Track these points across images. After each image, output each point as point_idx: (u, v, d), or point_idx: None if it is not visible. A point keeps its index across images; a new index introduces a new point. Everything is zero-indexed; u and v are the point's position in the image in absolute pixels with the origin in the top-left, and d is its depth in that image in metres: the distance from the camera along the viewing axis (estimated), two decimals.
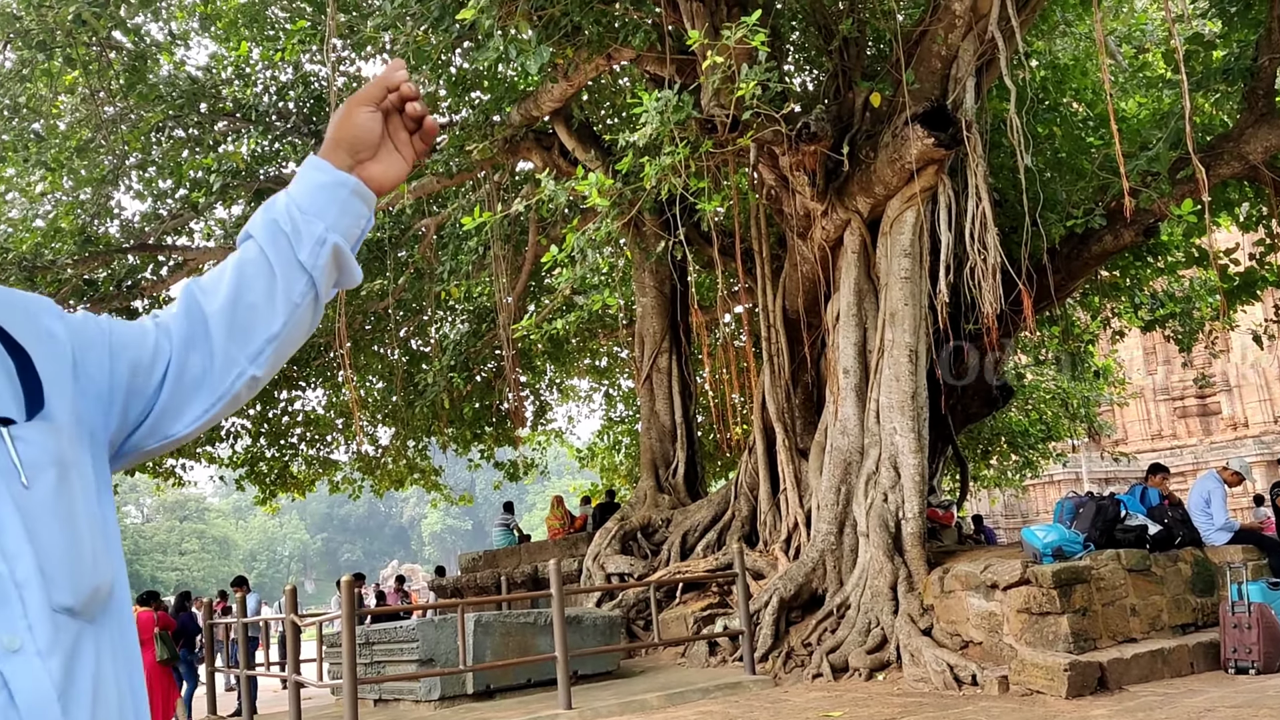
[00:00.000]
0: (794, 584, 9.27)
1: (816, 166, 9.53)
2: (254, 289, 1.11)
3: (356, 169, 1.18)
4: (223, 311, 1.10)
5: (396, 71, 1.20)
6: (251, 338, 1.11)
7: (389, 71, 1.20)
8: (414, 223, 14.69)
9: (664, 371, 13.58)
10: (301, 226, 1.12)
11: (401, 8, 8.92)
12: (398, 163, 1.22)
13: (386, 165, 1.21)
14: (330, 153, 1.18)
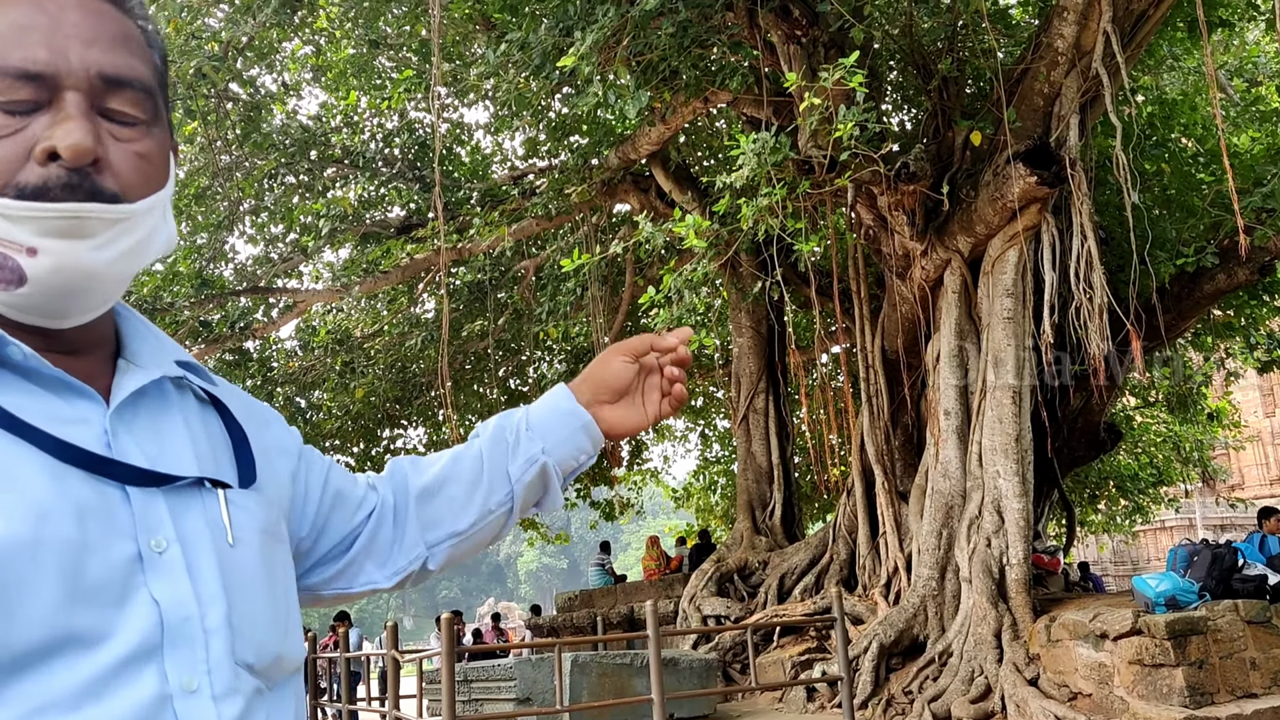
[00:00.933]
0: (894, 629, 9.09)
1: (916, 206, 9.45)
2: (459, 483, 1.20)
3: (595, 407, 1.24)
4: (424, 494, 1.20)
5: (676, 337, 1.26)
6: (438, 528, 1.19)
7: (670, 335, 1.26)
8: (514, 265, 14.95)
9: (760, 412, 13.51)
10: (523, 441, 1.20)
11: (504, 56, 9.14)
12: (637, 414, 1.27)
13: (625, 413, 1.26)
14: (578, 384, 1.26)
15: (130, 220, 0.90)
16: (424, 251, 12.49)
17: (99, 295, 0.92)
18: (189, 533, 0.90)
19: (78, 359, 0.94)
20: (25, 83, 0.87)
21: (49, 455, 0.84)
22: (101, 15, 0.92)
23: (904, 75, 11.41)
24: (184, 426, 0.98)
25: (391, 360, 15.27)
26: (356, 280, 12.84)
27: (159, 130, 0.95)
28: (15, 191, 0.85)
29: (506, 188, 13.64)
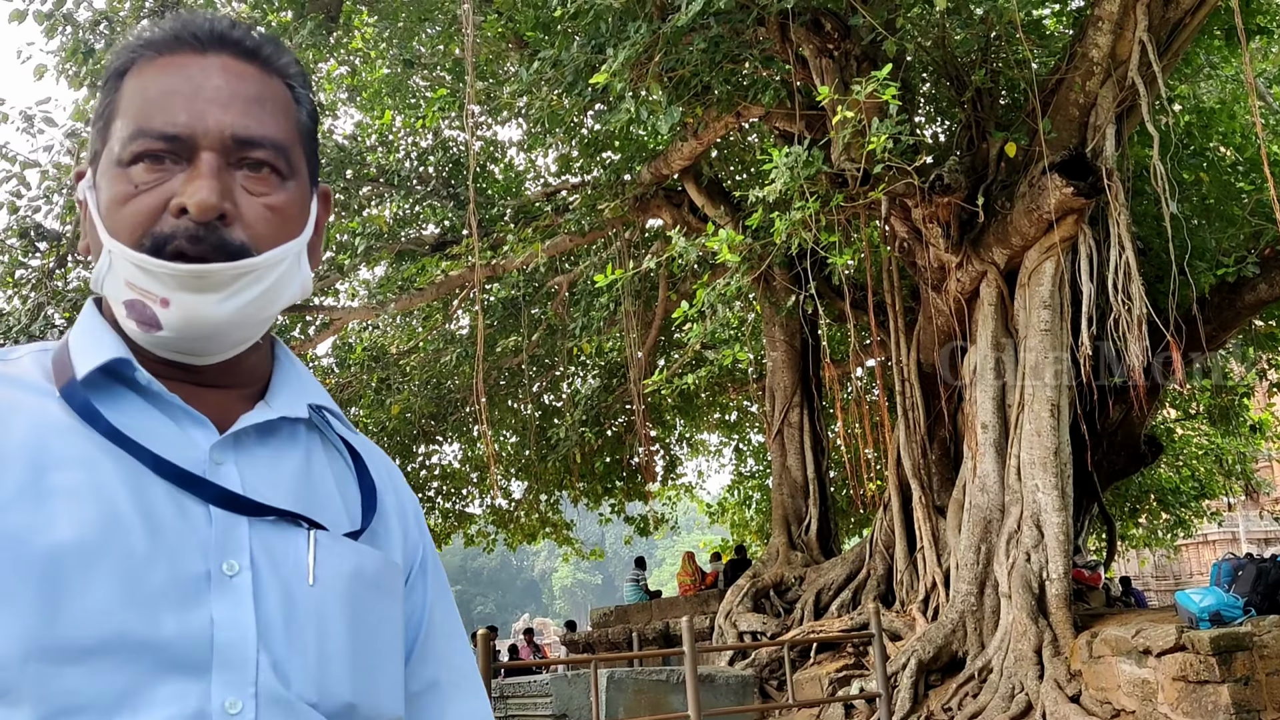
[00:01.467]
0: (933, 646, 9.01)
1: (950, 218, 9.40)
2: None
3: None
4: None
5: None
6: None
7: None
8: (547, 280, 15.01)
9: (795, 426, 13.45)
10: None
11: (536, 74, 9.20)
12: None
13: None
14: None
15: (256, 271, 0.96)
16: (458, 268, 12.57)
17: (230, 339, 0.99)
18: (265, 563, 0.93)
19: (215, 392, 1.01)
20: (166, 143, 0.95)
21: (145, 468, 0.90)
22: (242, 78, 1.00)
23: (937, 87, 11.37)
24: (301, 465, 1.03)
25: (427, 377, 15.36)
26: (392, 297, 12.94)
27: (295, 182, 1.02)
28: (151, 241, 0.93)
29: (540, 204, 13.71)
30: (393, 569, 1.05)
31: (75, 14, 9.86)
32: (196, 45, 1.00)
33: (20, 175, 10.14)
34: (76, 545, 0.85)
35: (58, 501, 0.87)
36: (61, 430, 0.91)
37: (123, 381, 0.97)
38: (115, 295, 0.97)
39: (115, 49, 1.04)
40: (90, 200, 1.00)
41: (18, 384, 0.95)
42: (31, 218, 10.08)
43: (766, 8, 8.15)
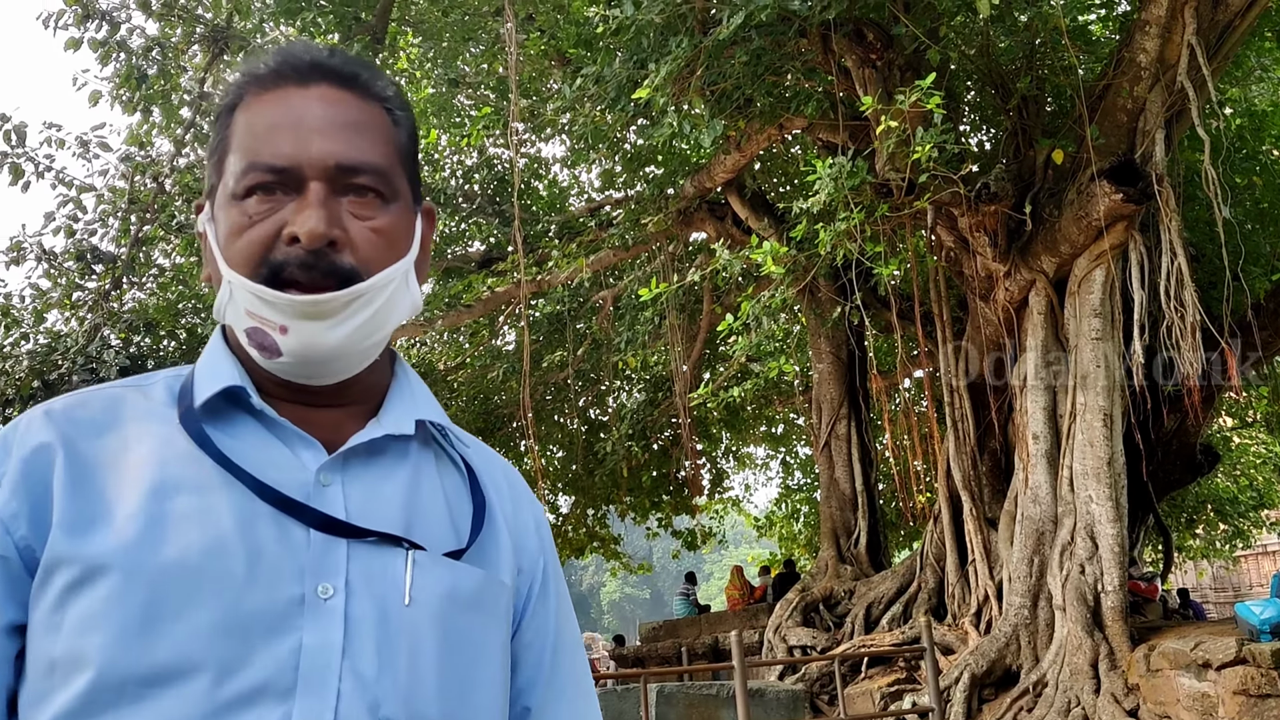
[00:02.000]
0: (986, 660, 8.89)
1: (997, 227, 9.32)
2: None
3: None
4: None
5: None
6: None
7: None
8: (592, 295, 15.06)
9: (843, 438, 13.37)
10: None
11: (579, 91, 9.26)
12: None
13: None
14: None
15: (366, 295, 1.00)
16: (504, 284, 12.65)
17: (346, 362, 1.03)
18: (360, 585, 0.95)
19: (329, 411, 1.05)
20: (274, 175, 0.99)
21: (250, 493, 0.94)
22: (342, 105, 1.04)
23: (982, 95, 11.29)
24: (408, 483, 1.05)
25: (474, 392, 15.47)
26: (439, 314, 13.04)
27: (398, 204, 1.05)
28: (267, 270, 0.98)
29: (584, 220, 13.78)
30: (496, 587, 1.06)
31: (128, 41, 10.08)
32: (297, 77, 1.04)
33: (77, 199, 10.37)
34: (179, 569, 0.89)
35: (169, 525, 0.91)
36: (180, 456, 0.96)
37: (241, 406, 1.01)
38: (237, 323, 1.01)
39: (227, 84, 1.09)
40: (209, 232, 1.04)
41: (149, 410, 1.00)
42: (88, 241, 10.30)
43: (808, 19, 8.14)
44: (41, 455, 0.94)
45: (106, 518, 0.91)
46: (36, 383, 9.19)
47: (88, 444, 0.96)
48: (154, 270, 12.11)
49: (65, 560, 0.90)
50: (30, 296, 10.51)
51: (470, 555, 1.04)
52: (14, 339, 9.94)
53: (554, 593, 1.16)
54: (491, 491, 1.12)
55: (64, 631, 0.88)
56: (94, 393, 1.02)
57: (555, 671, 1.13)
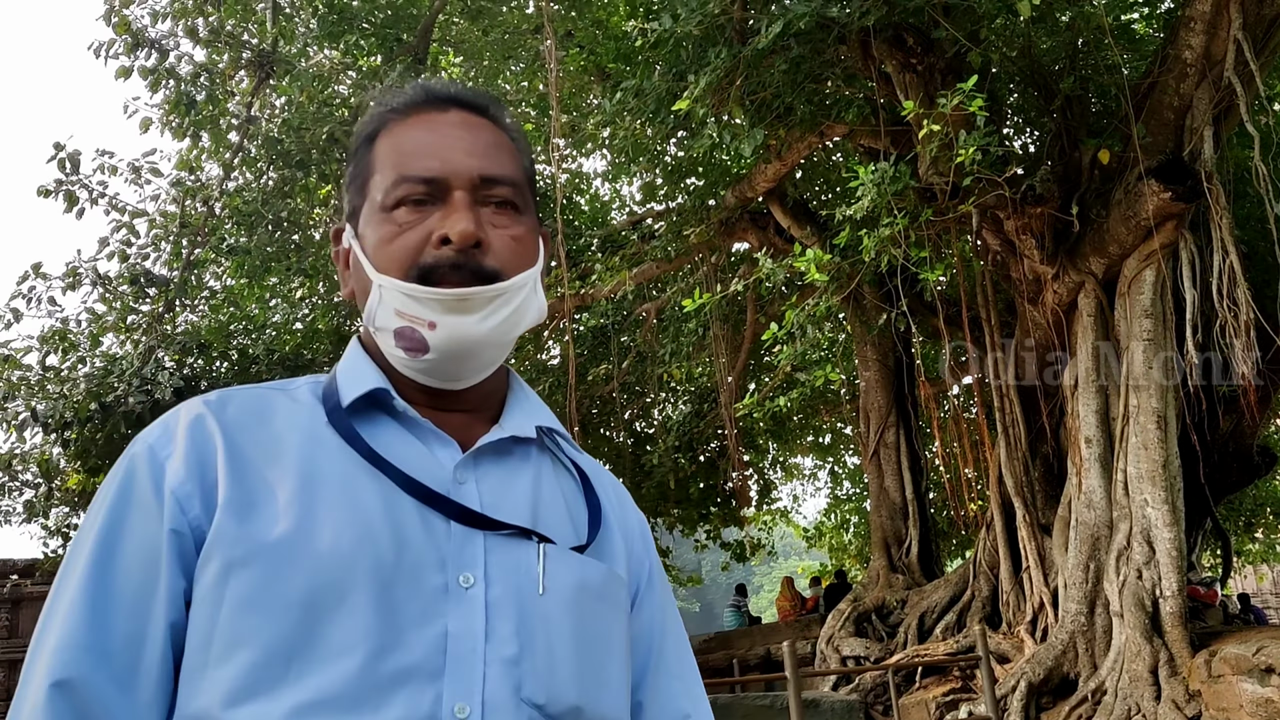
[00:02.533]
0: (1043, 668, 8.76)
1: (1044, 229, 9.22)
2: None
3: None
4: None
5: None
6: None
7: None
8: (635, 308, 15.09)
9: (891, 447, 13.26)
10: None
11: (619, 105, 9.30)
12: None
13: None
14: None
15: (507, 294, 1.10)
16: (548, 299, 12.69)
17: (484, 358, 1.12)
18: (498, 574, 1.03)
19: (460, 415, 1.14)
20: (424, 185, 1.10)
21: (395, 486, 1.02)
22: (480, 128, 1.15)
23: (1024, 97, 11.18)
24: (532, 482, 1.13)
25: None
26: None
27: (528, 217, 1.16)
28: (418, 272, 1.07)
29: (626, 233, 13.81)
30: (617, 581, 1.13)
31: (177, 68, 10.28)
32: (437, 104, 1.16)
33: (130, 224, 10.57)
34: (335, 555, 0.97)
35: (323, 514, 0.99)
36: (329, 450, 1.04)
37: (381, 408, 1.10)
38: (386, 324, 1.09)
39: (362, 118, 1.21)
40: (355, 247, 1.15)
41: (296, 410, 1.09)
42: (141, 265, 10.49)
43: (847, 26, 8.12)
44: (208, 441, 1.03)
45: (266, 504, 0.99)
46: (94, 405, 9.37)
47: (245, 435, 1.04)
48: (205, 293, 12.32)
49: (229, 540, 0.97)
50: (86, 320, 10.72)
51: (592, 550, 1.12)
52: (71, 362, 10.15)
53: (659, 589, 1.24)
54: (602, 496, 1.21)
55: (225, 609, 0.95)
56: (244, 390, 1.11)
57: (663, 658, 1.20)
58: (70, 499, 12.83)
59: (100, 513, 1.00)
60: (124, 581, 0.97)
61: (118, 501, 1.00)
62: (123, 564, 0.97)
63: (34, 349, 10.27)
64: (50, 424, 9.55)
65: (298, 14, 11.56)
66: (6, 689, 18.78)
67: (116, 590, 0.96)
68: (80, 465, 10.65)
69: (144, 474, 1.01)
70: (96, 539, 0.99)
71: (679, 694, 1.20)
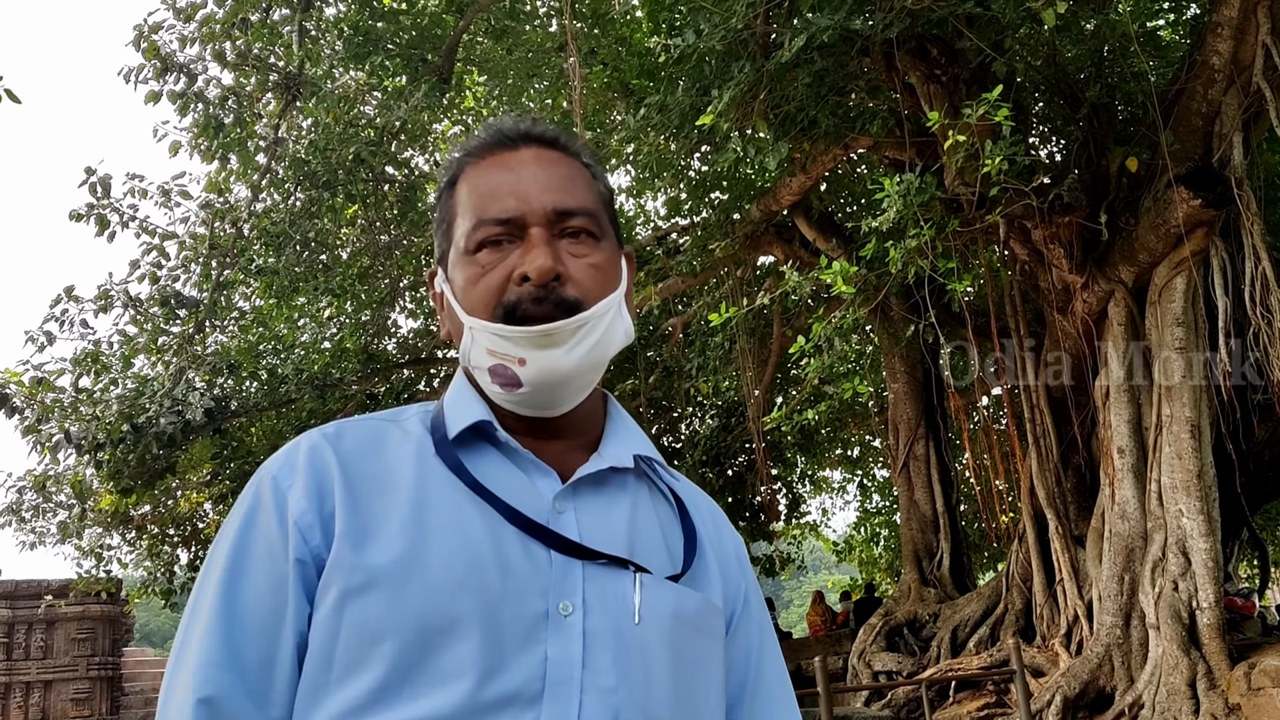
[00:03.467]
0: (1078, 681, 8.66)
1: (1073, 238, 9.16)
2: None
3: None
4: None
5: None
6: None
7: None
8: (661, 323, 15.09)
9: (921, 459, 13.17)
10: None
11: (643, 121, 9.32)
12: None
13: None
14: None
15: (590, 323, 1.12)
16: None
17: (575, 386, 1.14)
18: (596, 603, 1.05)
19: (559, 443, 1.17)
20: (502, 226, 1.13)
21: (499, 515, 1.06)
22: (553, 163, 1.19)
23: (1050, 105, 11.12)
24: (629, 511, 1.15)
25: None
26: None
27: (607, 243, 1.19)
28: (503, 311, 1.11)
29: (651, 248, 13.82)
30: (712, 610, 1.15)
31: (205, 92, 10.39)
32: (509, 143, 1.19)
33: (160, 247, 10.68)
34: (446, 580, 1.01)
35: (433, 541, 1.03)
36: (437, 478, 1.09)
37: (485, 438, 1.14)
38: (480, 364, 1.14)
39: (444, 164, 1.25)
40: (446, 291, 1.19)
41: (404, 439, 1.14)
42: (171, 286, 10.59)
43: (870, 38, 8.11)
44: (326, 472, 1.08)
45: (380, 532, 1.04)
46: (126, 426, 9.46)
47: (359, 466, 1.09)
48: (234, 313, 12.42)
49: (346, 568, 1.02)
50: (118, 342, 10.83)
51: (687, 579, 1.14)
52: (103, 384, 10.25)
53: (755, 613, 1.25)
54: (699, 523, 1.22)
55: (343, 634, 1.00)
56: (359, 422, 1.17)
57: (760, 683, 1.22)
58: (103, 520, 12.95)
59: (229, 539, 1.07)
60: (255, 606, 1.03)
61: (244, 529, 1.07)
62: (253, 589, 1.04)
63: (67, 371, 10.38)
64: (83, 445, 9.65)
65: (324, 36, 11.68)
66: (41, 709, 18.91)
67: (248, 614, 1.03)
68: (113, 486, 10.74)
69: (269, 504, 1.07)
70: (226, 565, 1.06)
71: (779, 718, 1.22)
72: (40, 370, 10.23)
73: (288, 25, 10.82)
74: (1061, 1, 6.85)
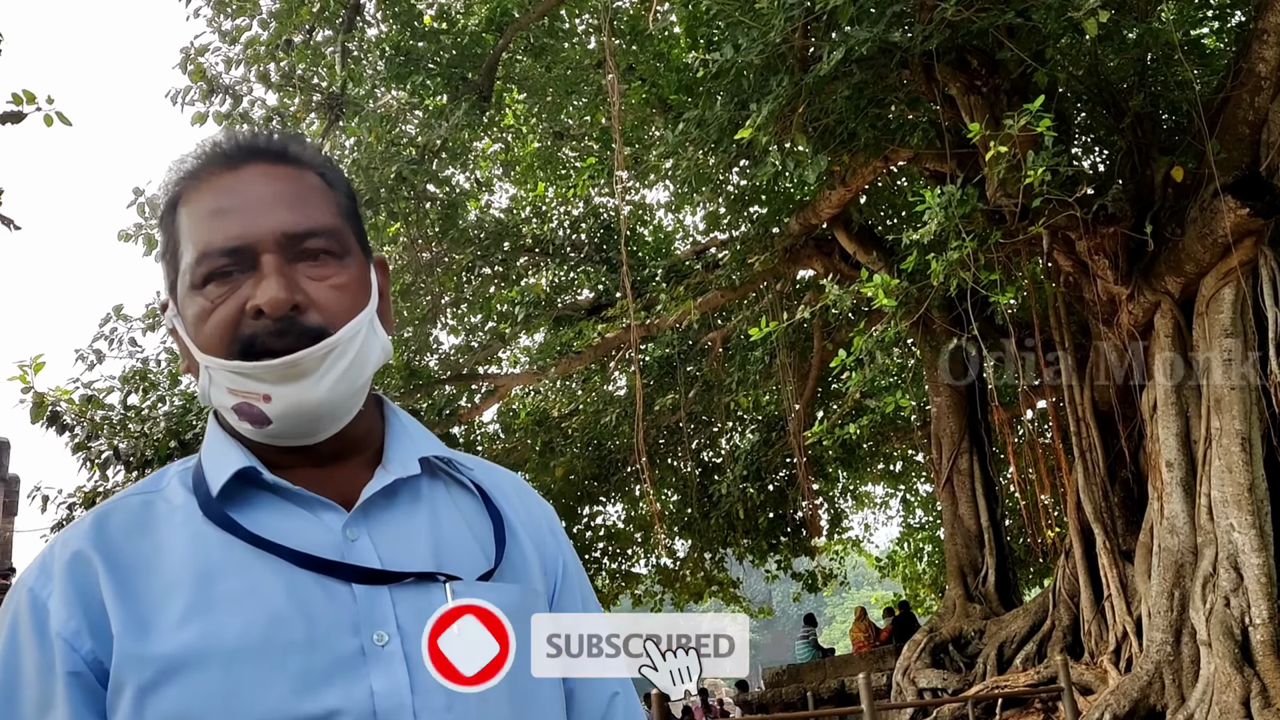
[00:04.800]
0: (1128, 700, 8.51)
1: (1117, 249, 9.05)
2: None
3: None
4: None
5: None
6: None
7: None
8: (701, 337, 15.08)
9: (965, 473, 13.04)
10: None
11: (682, 135, 9.35)
12: None
13: None
14: None
15: (337, 348, 1.04)
16: (614, 330, 12.76)
17: (334, 414, 1.07)
18: (411, 625, 1.01)
19: (336, 469, 1.10)
20: (228, 257, 1.04)
21: (288, 563, 1.00)
22: (280, 179, 1.08)
23: (1093, 115, 11.01)
24: (428, 519, 1.10)
25: (588, 438, 15.57)
26: (552, 362, 13.23)
27: (352, 259, 1.10)
28: (239, 346, 1.02)
29: (690, 262, 13.84)
30: (533, 596, 1.11)
31: (250, 112, 10.57)
32: (230, 161, 1.08)
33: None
34: (246, 650, 0.95)
35: (224, 612, 0.96)
36: (213, 543, 1.01)
37: (255, 484, 1.06)
38: (222, 404, 1.06)
39: (162, 184, 1.14)
40: (179, 326, 1.09)
41: (169, 509, 1.05)
42: None
43: (910, 50, 8.08)
44: (87, 572, 0.99)
45: (163, 617, 0.96)
46: (173, 443, 9.59)
47: (126, 552, 1.01)
48: None
49: (135, 664, 0.94)
50: (165, 360, 11.00)
51: (501, 573, 1.09)
52: (151, 401, 10.40)
53: (575, 582, 1.21)
54: (504, 506, 1.17)
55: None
56: (118, 502, 1.07)
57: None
58: None
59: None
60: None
61: (7, 653, 0.98)
62: (27, 714, 0.96)
63: (116, 389, 10.55)
64: (132, 462, 9.79)
65: (365, 56, 11.83)
66: None
67: None
68: None
69: (26, 620, 0.98)
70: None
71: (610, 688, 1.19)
72: (90, 388, 10.40)
73: (330, 46, 10.98)
74: (1104, 11, 6.79)
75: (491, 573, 1.08)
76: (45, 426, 9.90)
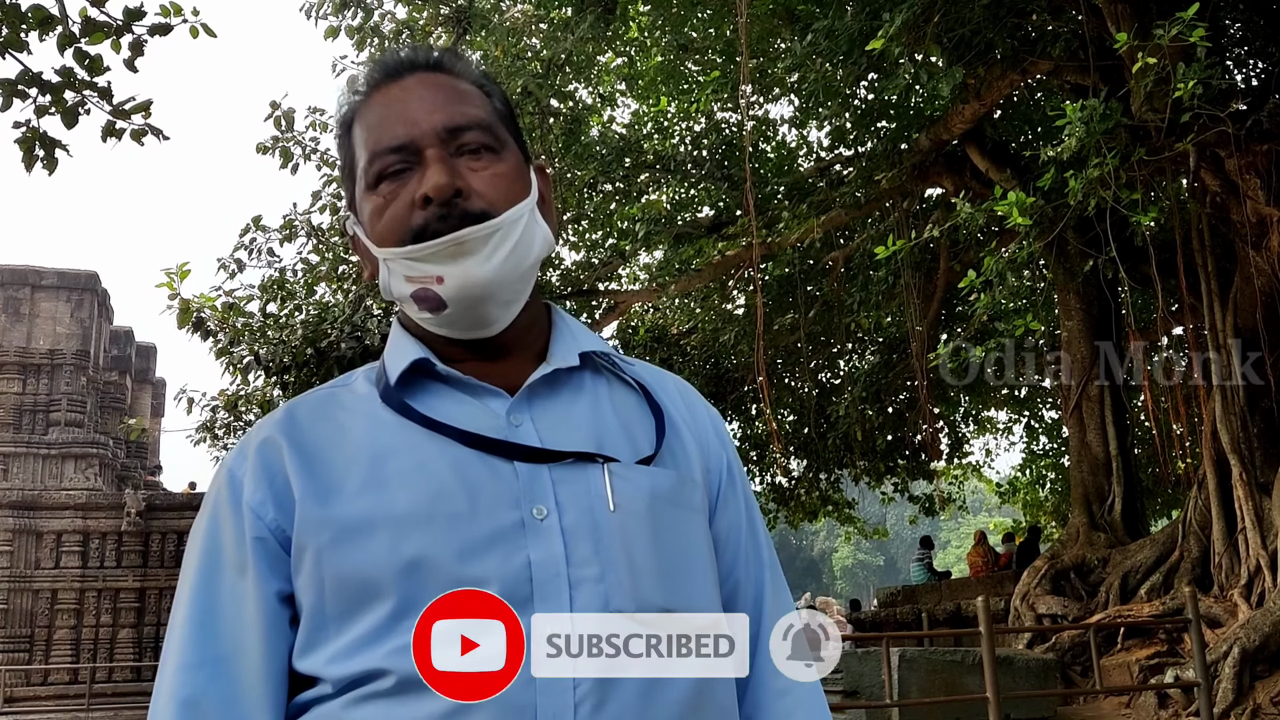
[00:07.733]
0: (1259, 634, 8.28)
1: (1270, 167, 8.58)
2: None
3: None
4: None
5: None
6: None
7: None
8: (822, 256, 14.88)
9: (1095, 400, 12.67)
10: None
11: (810, 47, 9.13)
12: None
13: None
14: None
15: (502, 230, 1.12)
16: (735, 248, 12.67)
17: (501, 298, 1.14)
18: (569, 501, 1.08)
19: (507, 361, 1.18)
20: (395, 155, 1.13)
21: (456, 443, 1.08)
22: (437, 86, 1.18)
23: (1249, 25, 10.36)
24: (589, 407, 1.17)
25: (706, 356, 15.60)
26: (671, 280, 13.23)
27: (509, 154, 1.18)
28: (411, 235, 1.11)
29: (813, 179, 13.60)
30: (689, 484, 1.16)
31: (380, 26, 10.69)
32: (393, 75, 1.19)
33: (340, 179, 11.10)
34: (415, 517, 1.04)
35: (395, 484, 1.06)
36: (389, 426, 1.11)
37: (429, 375, 1.15)
38: (401, 294, 1.14)
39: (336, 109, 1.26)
40: (359, 232, 1.19)
41: (354, 399, 1.16)
42: None
43: None
44: (274, 450, 1.11)
45: (342, 488, 1.07)
46: (310, 350, 9.96)
47: (310, 433, 1.12)
48: None
49: (315, 526, 1.05)
50: (302, 270, 11.37)
51: (660, 460, 1.15)
52: (288, 310, 10.79)
53: (740, 487, 1.26)
54: (667, 403, 1.22)
55: (328, 587, 1.04)
56: (307, 395, 1.20)
57: (753, 549, 1.24)
58: None
59: (199, 537, 1.12)
60: (225, 595, 1.08)
61: (210, 525, 1.12)
62: (223, 582, 1.08)
63: (255, 297, 10.97)
64: (271, 367, 10.21)
65: None
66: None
67: (220, 605, 1.08)
68: None
69: (225, 496, 1.11)
70: (197, 563, 1.11)
71: (765, 579, 1.23)
72: (231, 296, 10.84)
73: None
74: None
75: (651, 458, 1.14)
76: (190, 332, 10.39)
